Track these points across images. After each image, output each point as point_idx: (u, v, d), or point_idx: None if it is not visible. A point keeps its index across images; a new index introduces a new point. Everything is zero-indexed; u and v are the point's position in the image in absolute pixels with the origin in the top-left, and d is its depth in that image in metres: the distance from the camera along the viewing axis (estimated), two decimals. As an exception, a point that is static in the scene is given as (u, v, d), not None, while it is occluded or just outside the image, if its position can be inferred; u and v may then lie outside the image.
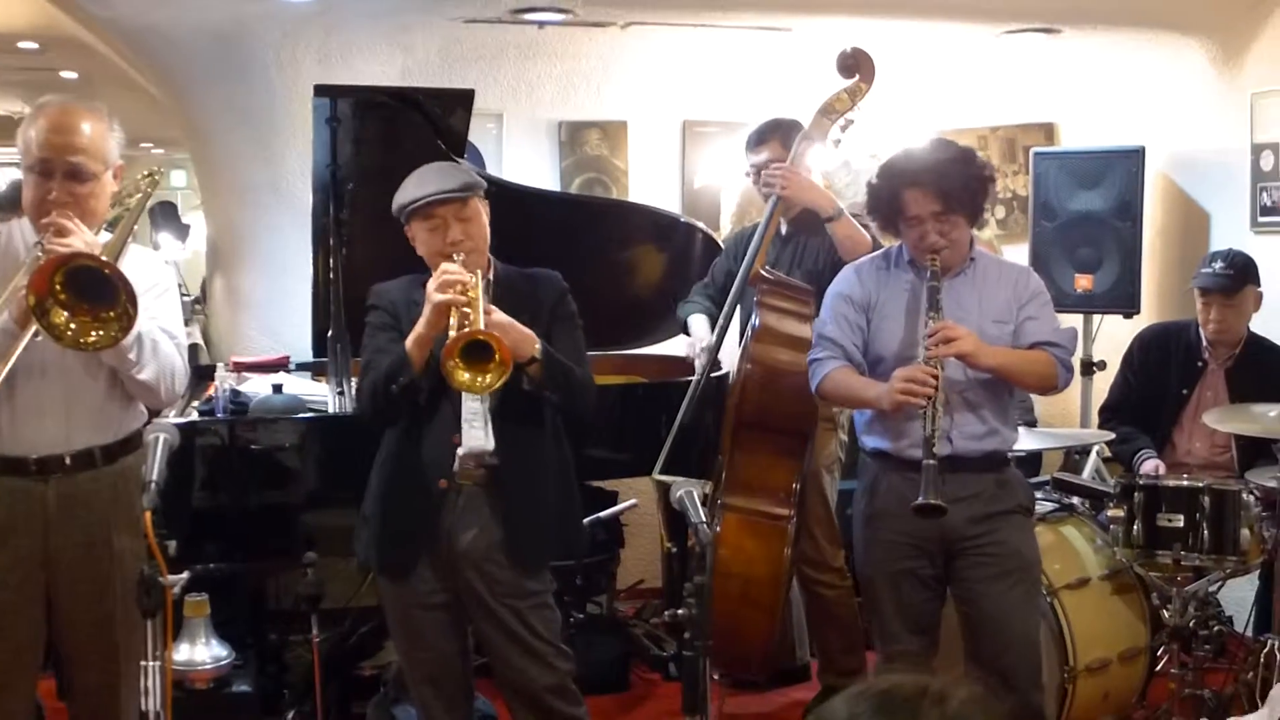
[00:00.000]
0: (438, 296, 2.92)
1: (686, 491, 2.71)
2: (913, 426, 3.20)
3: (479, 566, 3.10)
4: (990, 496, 3.29)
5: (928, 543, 3.28)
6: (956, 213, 3.23)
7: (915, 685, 1.27)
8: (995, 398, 3.31)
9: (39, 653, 3.03)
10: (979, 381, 3.27)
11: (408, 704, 3.71)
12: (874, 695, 1.26)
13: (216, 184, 5.81)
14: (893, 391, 3.13)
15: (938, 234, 3.23)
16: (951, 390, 3.21)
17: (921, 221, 3.23)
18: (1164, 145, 5.65)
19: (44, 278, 2.65)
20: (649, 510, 5.26)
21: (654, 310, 4.96)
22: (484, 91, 5.12)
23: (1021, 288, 3.34)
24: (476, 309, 2.89)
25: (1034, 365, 3.28)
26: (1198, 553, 3.82)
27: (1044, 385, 3.38)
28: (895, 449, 3.31)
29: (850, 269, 3.49)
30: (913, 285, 3.32)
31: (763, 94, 5.54)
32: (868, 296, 3.37)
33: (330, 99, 4.10)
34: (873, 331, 3.36)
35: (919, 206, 3.22)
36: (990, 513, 3.28)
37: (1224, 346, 4.54)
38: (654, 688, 4.75)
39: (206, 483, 3.97)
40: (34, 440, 2.91)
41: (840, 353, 3.35)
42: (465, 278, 2.95)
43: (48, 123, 2.90)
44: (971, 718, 1.24)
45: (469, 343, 2.82)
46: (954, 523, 3.22)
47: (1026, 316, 3.31)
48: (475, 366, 2.83)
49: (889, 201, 3.29)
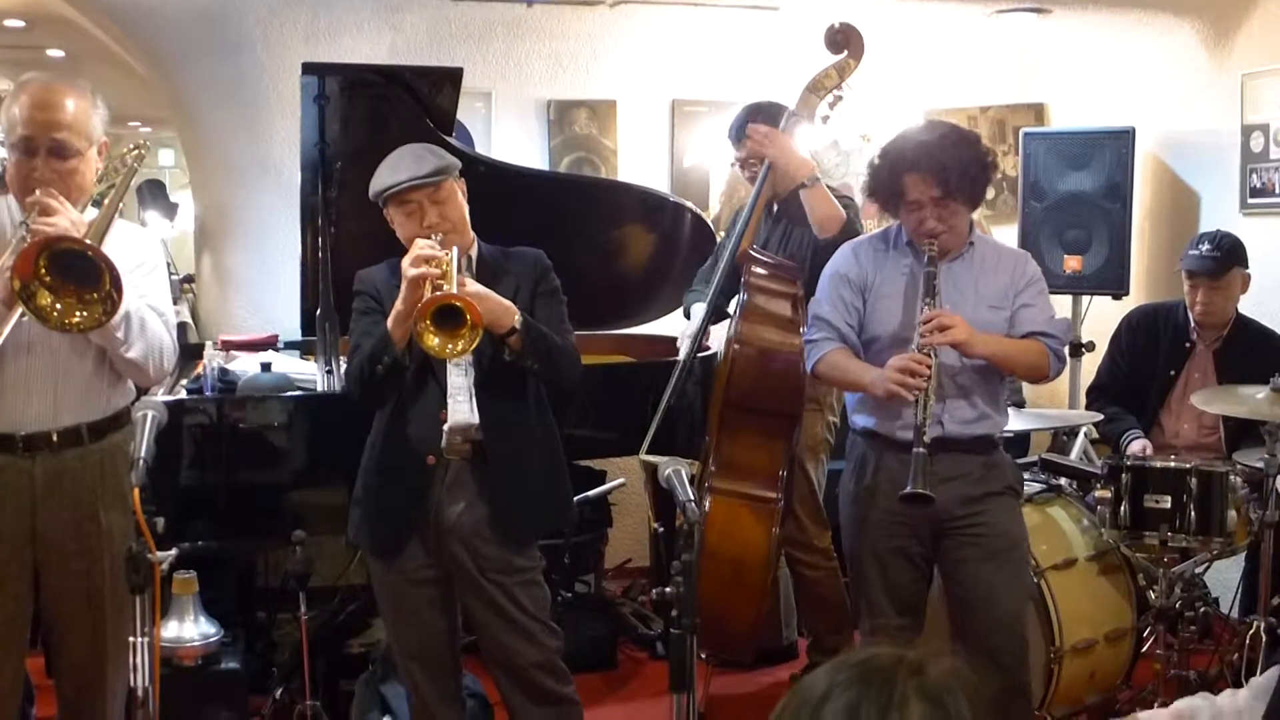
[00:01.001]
0: (411, 271, 2.94)
1: (675, 470, 2.71)
2: (905, 409, 3.20)
3: (467, 542, 3.11)
4: (978, 478, 3.31)
5: (916, 521, 3.29)
6: (956, 199, 3.23)
7: (892, 656, 1.28)
8: (987, 383, 3.32)
9: (26, 628, 3.03)
10: (972, 366, 3.28)
11: (396, 682, 3.71)
12: (852, 665, 1.27)
13: (204, 162, 5.79)
14: (886, 380, 3.14)
15: (936, 219, 3.23)
16: (944, 374, 3.22)
17: (921, 207, 3.23)
18: (1154, 126, 5.65)
19: (28, 261, 2.64)
20: (636, 490, 5.27)
21: (643, 290, 4.96)
22: (472, 70, 5.11)
23: (1019, 274, 3.34)
24: (450, 280, 2.91)
25: (1026, 355, 3.30)
26: (1184, 534, 3.83)
27: (1035, 374, 3.39)
28: (886, 430, 3.31)
29: (848, 248, 3.49)
30: (911, 267, 3.32)
31: (751, 73, 5.54)
32: (864, 276, 3.37)
33: (318, 77, 4.08)
34: (869, 311, 3.36)
35: (918, 191, 3.22)
36: (979, 494, 3.30)
37: (1212, 328, 4.54)
38: (641, 666, 4.78)
39: (195, 460, 3.96)
40: (20, 417, 2.91)
41: (836, 335, 3.36)
42: (438, 252, 2.97)
43: (31, 99, 2.89)
44: (949, 689, 1.25)
45: (439, 307, 2.84)
46: (943, 503, 3.23)
47: (1022, 304, 3.31)
48: (447, 332, 2.85)
49: (888, 184, 3.28)
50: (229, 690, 3.84)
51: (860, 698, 1.24)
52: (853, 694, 1.25)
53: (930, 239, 3.24)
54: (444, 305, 2.84)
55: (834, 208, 3.97)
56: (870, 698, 1.24)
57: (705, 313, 4.20)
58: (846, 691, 1.25)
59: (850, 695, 1.25)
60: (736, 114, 4.37)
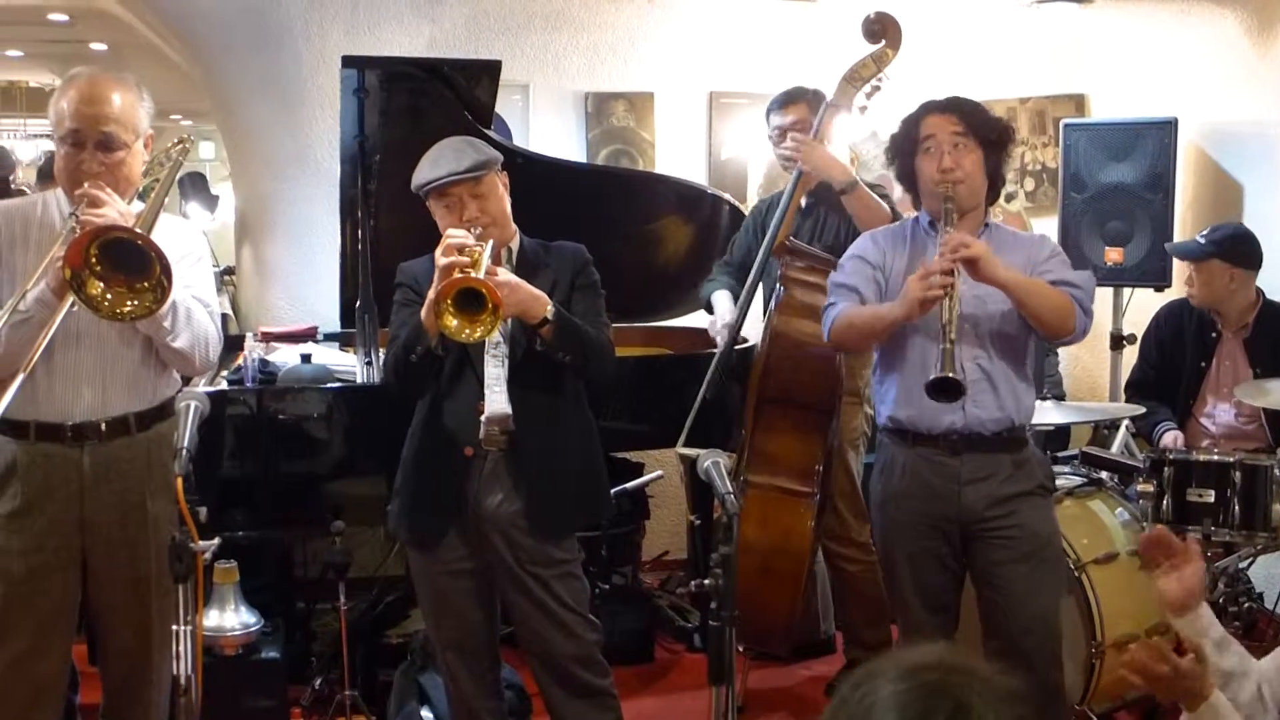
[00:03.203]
0: (442, 260, 2.95)
1: (714, 462, 2.70)
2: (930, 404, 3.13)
3: (505, 533, 3.12)
4: (1007, 477, 3.22)
5: (945, 524, 3.24)
6: (974, 139, 3.20)
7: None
8: (1014, 370, 3.24)
9: (74, 615, 3.07)
10: (997, 353, 3.21)
11: (434, 672, 3.73)
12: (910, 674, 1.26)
13: (245, 155, 5.83)
14: (910, 292, 3.05)
15: (953, 161, 3.18)
16: (968, 360, 3.16)
17: (939, 145, 3.19)
18: (1196, 116, 5.58)
19: (79, 250, 2.67)
20: (674, 482, 5.27)
21: (680, 282, 4.96)
22: (511, 63, 5.12)
23: (1036, 251, 3.27)
24: (479, 269, 2.92)
25: (1049, 297, 3.15)
26: (1228, 528, 3.80)
27: (1060, 319, 3.18)
28: (911, 419, 3.25)
29: (867, 236, 3.45)
30: (930, 250, 3.28)
31: (789, 65, 5.52)
32: (883, 259, 3.33)
33: (358, 70, 4.10)
34: (888, 295, 3.31)
35: (938, 127, 3.21)
36: (1008, 494, 3.22)
37: (1231, 316, 4.52)
38: (678, 659, 4.77)
39: (235, 451, 4.00)
40: (70, 407, 2.94)
41: (854, 297, 3.28)
42: (468, 239, 2.98)
43: (78, 94, 2.92)
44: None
45: (461, 289, 2.85)
46: (971, 504, 3.20)
47: (1042, 272, 3.22)
48: (467, 316, 2.86)
49: (908, 133, 3.27)
50: (268, 679, 3.87)
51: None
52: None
53: (946, 180, 3.18)
54: (466, 289, 2.85)
55: (877, 211, 3.95)
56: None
57: (742, 303, 4.19)
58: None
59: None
60: (785, 89, 4.37)
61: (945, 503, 3.19)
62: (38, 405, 2.92)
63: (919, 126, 3.25)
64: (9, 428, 2.92)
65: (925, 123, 3.24)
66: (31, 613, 2.95)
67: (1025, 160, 5.91)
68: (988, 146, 3.23)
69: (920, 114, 3.27)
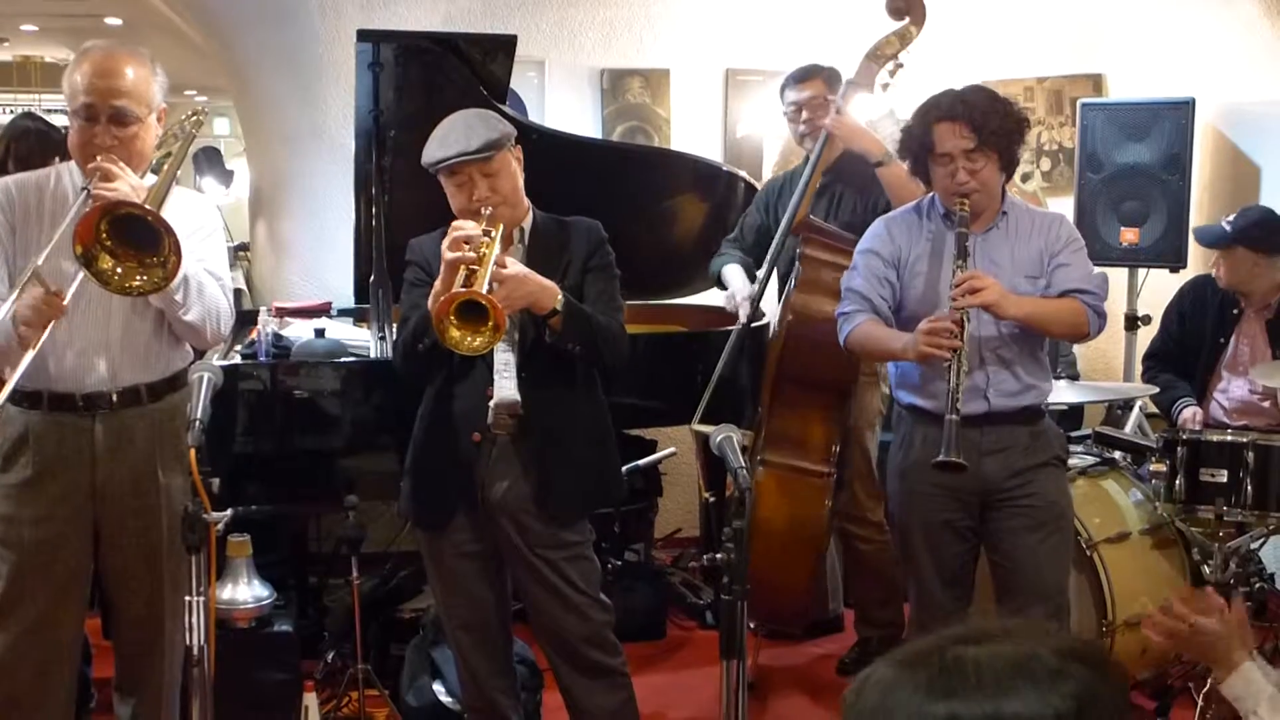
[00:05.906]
0: (449, 255, 2.90)
1: (726, 437, 2.71)
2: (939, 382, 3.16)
3: (514, 518, 3.11)
4: (1025, 449, 3.28)
5: (964, 493, 3.28)
6: (989, 148, 3.18)
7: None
8: (1029, 352, 3.28)
9: (87, 584, 3.09)
10: (1012, 338, 3.23)
11: (446, 646, 3.74)
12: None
13: (259, 130, 5.83)
14: (917, 343, 3.09)
15: (968, 173, 3.18)
16: (985, 348, 3.20)
17: (952, 159, 3.18)
18: (1214, 97, 5.55)
19: (89, 226, 2.67)
20: (687, 460, 5.27)
21: (696, 260, 4.94)
22: (526, 38, 5.10)
23: (1053, 236, 3.29)
24: (486, 265, 2.85)
25: (1063, 314, 3.23)
26: (1240, 508, 3.79)
27: (1075, 333, 3.35)
28: (930, 406, 3.27)
29: (880, 223, 3.44)
30: (945, 239, 3.27)
31: (805, 43, 5.48)
32: (897, 252, 3.33)
33: (373, 44, 4.09)
34: (905, 286, 3.32)
35: (950, 141, 3.18)
36: (1026, 465, 3.27)
37: (1255, 296, 4.51)
38: (690, 636, 4.78)
39: (249, 425, 4.01)
40: (81, 378, 2.96)
41: (868, 306, 3.31)
42: (474, 233, 2.92)
43: (92, 67, 2.92)
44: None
45: (463, 302, 2.79)
46: (991, 475, 3.23)
47: (1059, 264, 3.25)
48: (469, 326, 2.80)
49: (920, 139, 3.24)
50: (281, 653, 3.87)
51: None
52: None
53: (962, 198, 3.19)
54: (467, 301, 2.80)
55: (911, 186, 3.92)
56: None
57: (762, 278, 4.18)
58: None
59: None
60: (800, 66, 4.35)
61: (966, 473, 3.19)
62: (50, 376, 2.93)
63: (930, 134, 3.21)
64: (22, 397, 2.93)
65: (937, 132, 3.20)
66: (45, 581, 2.97)
67: (1042, 140, 5.88)
68: (1002, 147, 3.22)
69: (930, 119, 3.22)
